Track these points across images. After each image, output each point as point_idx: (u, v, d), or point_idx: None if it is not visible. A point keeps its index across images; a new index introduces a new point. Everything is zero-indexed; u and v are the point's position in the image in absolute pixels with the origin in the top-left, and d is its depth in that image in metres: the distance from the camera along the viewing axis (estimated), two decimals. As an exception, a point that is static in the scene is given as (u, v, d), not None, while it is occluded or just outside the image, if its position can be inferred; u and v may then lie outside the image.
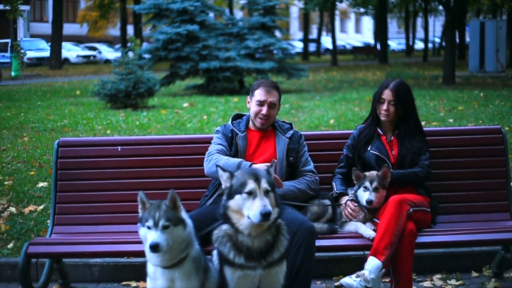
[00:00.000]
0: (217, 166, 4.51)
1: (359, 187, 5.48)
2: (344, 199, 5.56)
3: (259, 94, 5.57)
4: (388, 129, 5.82)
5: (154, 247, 4.13)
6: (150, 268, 4.41)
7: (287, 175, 5.54)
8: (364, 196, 5.41)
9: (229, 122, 5.75)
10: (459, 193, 5.99)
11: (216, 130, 5.71)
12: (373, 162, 5.63)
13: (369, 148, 5.72)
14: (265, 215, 4.11)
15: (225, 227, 4.38)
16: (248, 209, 4.18)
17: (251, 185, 4.21)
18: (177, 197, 4.31)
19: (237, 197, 4.24)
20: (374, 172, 5.49)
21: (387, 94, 5.72)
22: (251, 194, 4.20)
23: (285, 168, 5.51)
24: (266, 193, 4.22)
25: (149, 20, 26.11)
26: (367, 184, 5.42)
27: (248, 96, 5.72)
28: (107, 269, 6.25)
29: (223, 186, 4.40)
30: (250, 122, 5.71)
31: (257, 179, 4.23)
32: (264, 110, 5.53)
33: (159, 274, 4.34)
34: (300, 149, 5.65)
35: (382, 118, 5.75)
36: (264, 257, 4.32)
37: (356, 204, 5.47)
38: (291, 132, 5.69)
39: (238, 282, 4.33)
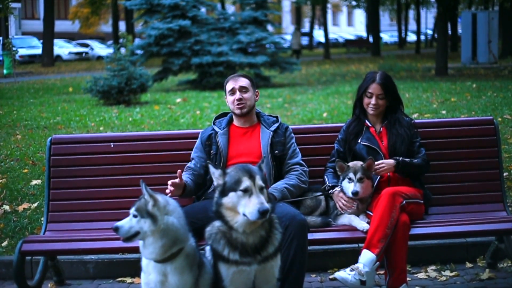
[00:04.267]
0: (207, 163, 4.50)
1: (343, 179, 5.50)
2: (335, 191, 5.56)
3: (228, 86, 5.70)
4: (376, 121, 5.83)
5: (114, 228, 4.31)
6: (144, 262, 4.44)
7: (275, 168, 5.55)
8: (350, 187, 5.42)
9: (212, 122, 5.82)
10: (452, 184, 6.00)
11: (199, 136, 5.78)
12: (364, 154, 5.63)
13: (359, 141, 5.73)
14: (263, 213, 4.08)
15: (217, 223, 4.34)
16: (244, 207, 4.14)
17: (246, 182, 4.17)
18: (154, 196, 4.31)
19: (232, 194, 4.19)
20: (358, 163, 5.50)
21: (374, 88, 5.72)
22: (246, 191, 4.16)
23: (271, 162, 5.52)
24: (261, 189, 4.19)
25: (140, 16, 26.06)
26: (351, 175, 5.44)
27: (224, 96, 5.80)
28: (101, 266, 6.25)
29: (214, 183, 4.37)
30: (234, 119, 5.75)
31: (251, 176, 4.19)
32: (237, 95, 5.61)
33: (152, 268, 4.36)
34: (287, 141, 5.66)
35: (371, 112, 5.76)
36: (259, 252, 4.30)
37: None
38: (276, 125, 5.70)
39: (234, 278, 4.31)
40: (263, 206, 4.09)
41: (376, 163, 5.49)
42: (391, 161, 5.54)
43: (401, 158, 5.56)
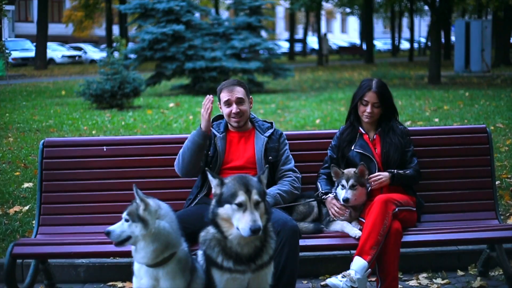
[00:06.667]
0: (206, 170, 4.48)
1: (337, 185, 5.50)
2: (328, 198, 5.55)
3: (224, 96, 5.58)
4: (370, 128, 5.83)
5: (106, 233, 4.32)
6: (136, 266, 4.43)
7: (268, 174, 5.52)
8: (341, 194, 5.42)
9: None
10: (445, 192, 6.00)
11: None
12: (357, 161, 5.62)
13: (352, 148, 5.73)
14: (254, 231, 4.06)
15: (212, 230, 4.32)
16: (238, 221, 4.12)
17: (241, 197, 4.14)
18: (145, 200, 4.30)
19: (227, 206, 4.17)
20: (352, 170, 5.51)
21: (370, 97, 5.70)
22: (241, 206, 4.13)
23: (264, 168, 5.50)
24: (257, 204, 4.17)
25: (134, 20, 26.06)
26: (343, 182, 5.44)
27: (218, 102, 5.72)
28: (92, 270, 6.23)
29: (213, 191, 4.34)
30: (229, 124, 5.70)
31: (248, 190, 4.16)
32: (234, 108, 5.53)
33: (143, 272, 4.35)
34: (281, 147, 5.64)
35: (366, 120, 5.76)
36: (254, 261, 4.29)
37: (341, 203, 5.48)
38: (270, 131, 5.67)
39: (227, 285, 4.30)
40: (255, 224, 4.06)
41: (373, 174, 5.51)
42: (386, 173, 5.55)
43: (395, 170, 5.57)
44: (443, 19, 31.09)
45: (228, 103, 5.55)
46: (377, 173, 5.53)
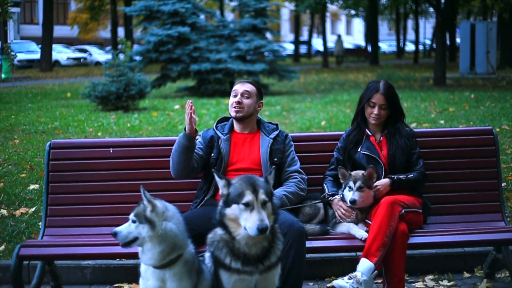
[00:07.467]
0: (212, 171, 4.52)
1: (344, 187, 5.50)
2: (334, 200, 5.55)
3: (233, 88, 5.69)
4: (376, 130, 5.82)
5: (113, 234, 4.34)
6: (142, 267, 4.44)
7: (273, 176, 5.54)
8: (349, 195, 5.42)
9: (214, 126, 5.77)
10: (451, 194, 6.00)
11: (198, 135, 5.75)
12: (364, 163, 5.62)
13: (359, 149, 5.72)
14: (261, 230, 4.07)
15: (220, 231, 4.34)
16: (245, 221, 4.14)
17: (248, 196, 4.16)
18: (153, 202, 4.31)
19: (234, 206, 4.19)
20: (359, 172, 5.50)
21: (378, 98, 5.70)
22: (248, 205, 4.15)
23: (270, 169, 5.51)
24: (264, 204, 4.18)
25: (140, 22, 26.06)
26: (351, 183, 5.44)
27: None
28: (99, 271, 6.24)
29: (220, 192, 4.36)
30: (235, 124, 5.72)
31: (254, 190, 4.18)
32: (237, 98, 5.58)
33: (150, 273, 4.37)
34: (286, 149, 5.65)
35: (373, 122, 5.75)
36: (262, 262, 4.30)
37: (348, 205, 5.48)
38: (275, 132, 5.69)
39: (235, 286, 4.31)
40: (262, 223, 4.08)
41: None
42: (386, 181, 5.54)
43: (396, 176, 5.56)
44: (448, 21, 31.09)
45: (234, 94, 5.62)
46: (374, 184, 5.53)
